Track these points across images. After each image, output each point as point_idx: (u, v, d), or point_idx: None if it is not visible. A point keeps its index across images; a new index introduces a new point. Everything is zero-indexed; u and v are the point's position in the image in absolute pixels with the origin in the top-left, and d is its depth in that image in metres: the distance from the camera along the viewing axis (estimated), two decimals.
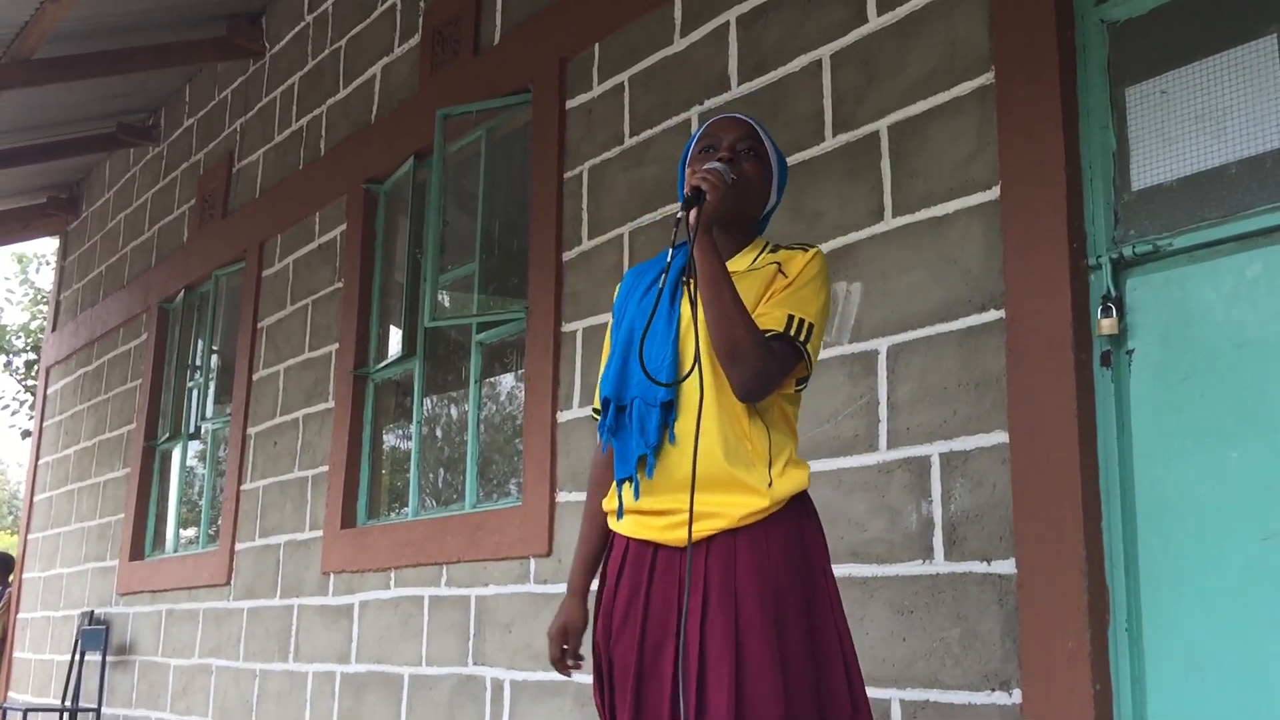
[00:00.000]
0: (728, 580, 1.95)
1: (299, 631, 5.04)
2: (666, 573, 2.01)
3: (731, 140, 2.12)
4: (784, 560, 1.98)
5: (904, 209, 2.96)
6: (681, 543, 1.99)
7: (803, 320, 2.00)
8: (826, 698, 1.96)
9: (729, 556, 1.96)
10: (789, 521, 2.01)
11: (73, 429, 8.23)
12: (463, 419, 4.64)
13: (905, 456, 2.85)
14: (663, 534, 2.03)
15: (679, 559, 2.00)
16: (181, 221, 7.10)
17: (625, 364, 2.10)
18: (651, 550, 2.04)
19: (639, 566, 2.05)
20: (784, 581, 1.96)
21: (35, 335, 14.73)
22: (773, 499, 1.98)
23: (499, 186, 4.62)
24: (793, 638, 1.94)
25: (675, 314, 2.06)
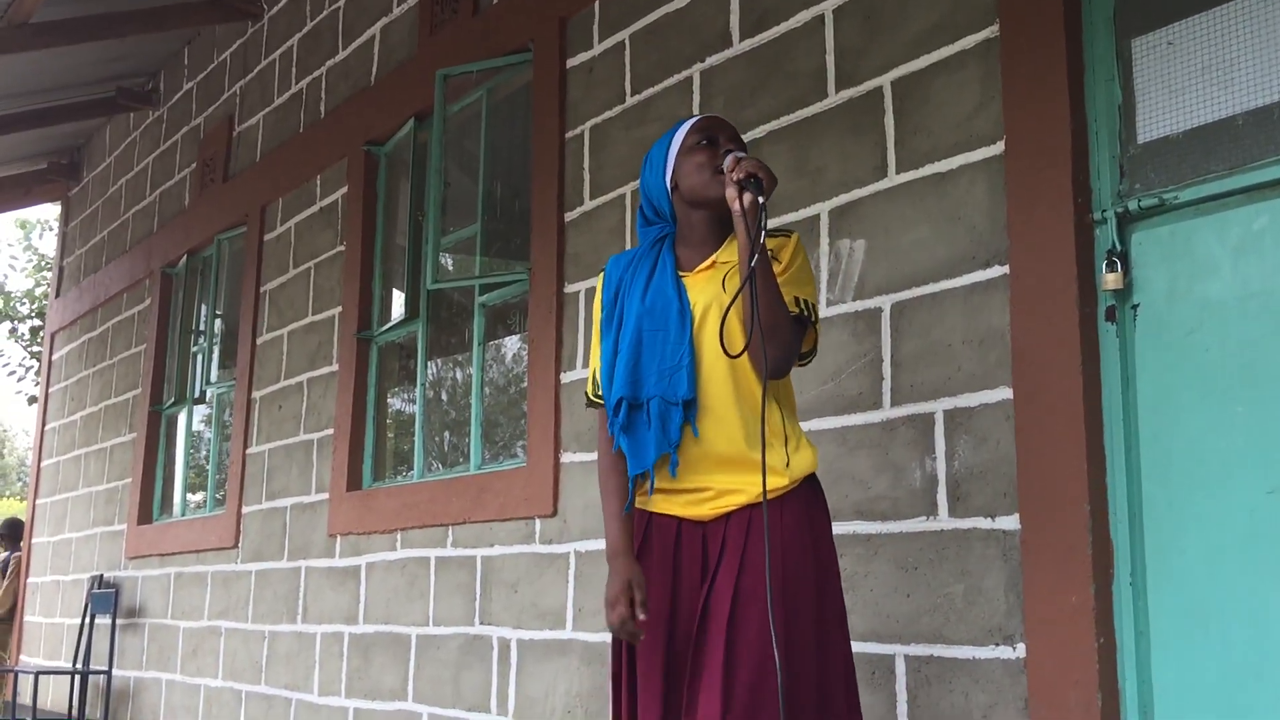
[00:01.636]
0: (737, 552, 2.09)
1: (307, 593, 5.07)
2: (690, 542, 2.16)
3: (728, 138, 2.24)
4: (795, 533, 2.11)
5: (907, 165, 2.94)
6: (705, 517, 2.15)
7: (807, 301, 2.17)
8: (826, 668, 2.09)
9: (744, 529, 2.10)
10: (801, 501, 2.15)
11: (78, 394, 8.25)
12: (467, 381, 4.64)
13: (909, 414, 2.85)
14: (685, 509, 2.17)
15: (701, 530, 2.15)
16: (183, 186, 7.08)
17: (638, 362, 2.16)
18: (675, 523, 2.18)
19: (665, 537, 2.18)
20: (793, 554, 2.09)
21: (40, 301, 14.73)
22: (790, 477, 2.13)
23: (500, 147, 4.59)
24: (798, 609, 2.06)
25: (687, 309, 2.16)
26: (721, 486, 2.12)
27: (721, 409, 2.11)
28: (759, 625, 2.00)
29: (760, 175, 2.02)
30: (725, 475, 2.12)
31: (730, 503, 2.12)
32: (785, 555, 2.07)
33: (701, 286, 2.18)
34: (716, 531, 2.13)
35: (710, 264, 2.20)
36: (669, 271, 2.20)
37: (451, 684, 4.13)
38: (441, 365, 4.92)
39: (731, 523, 2.12)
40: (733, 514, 2.12)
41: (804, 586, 2.08)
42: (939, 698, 2.68)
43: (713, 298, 2.14)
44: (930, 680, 2.70)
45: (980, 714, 2.60)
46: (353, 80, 5.42)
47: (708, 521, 2.14)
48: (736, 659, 2.00)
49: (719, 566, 2.09)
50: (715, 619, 2.04)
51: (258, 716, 5.27)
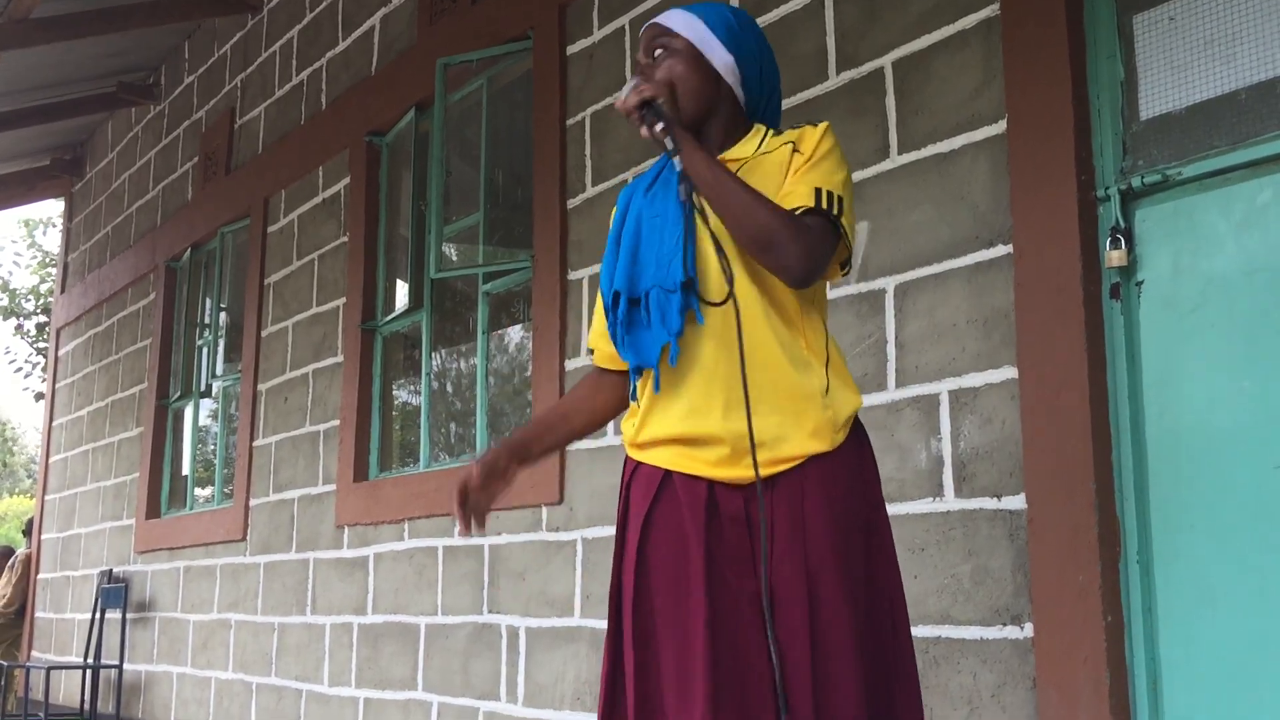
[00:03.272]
0: (795, 518, 1.76)
1: (315, 584, 5.08)
2: (729, 505, 1.78)
3: (645, 47, 1.95)
4: (846, 492, 1.80)
5: (909, 146, 2.93)
6: (742, 480, 1.77)
7: (830, 192, 1.79)
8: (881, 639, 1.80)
9: (797, 491, 1.76)
10: (851, 451, 1.83)
11: (85, 390, 8.26)
12: (472, 370, 4.64)
13: (914, 395, 2.84)
14: (717, 470, 1.78)
15: (739, 495, 1.78)
16: (185, 180, 7.08)
17: (636, 254, 1.90)
18: (706, 486, 1.79)
19: (694, 501, 1.79)
20: (848, 517, 1.78)
21: (45, 297, 14.76)
22: (834, 422, 1.79)
23: (501, 135, 4.58)
24: (857, 576, 1.77)
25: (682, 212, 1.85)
26: (760, 434, 1.74)
27: (750, 327, 1.77)
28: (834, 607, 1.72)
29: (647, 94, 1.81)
30: (761, 417, 1.75)
31: (778, 456, 1.76)
32: (842, 519, 1.77)
33: None
34: (765, 497, 1.75)
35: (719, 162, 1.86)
36: (674, 172, 1.85)
37: (461, 673, 4.14)
38: (446, 354, 4.93)
39: (779, 486, 1.76)
40: (779, 479, 1.76)
41: (858, 550, 1.79)
42: (947, 678, 2.68)
43: None
44: (938, 661, 2.71)
45: (989, 694, 2.60)
46: (353, 71, 5.41)
47: (747, 484, 1.76)
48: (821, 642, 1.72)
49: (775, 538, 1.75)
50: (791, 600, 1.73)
51: (269, 707, 5.28)
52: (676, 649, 1.74)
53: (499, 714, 3.93)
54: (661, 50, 1.92)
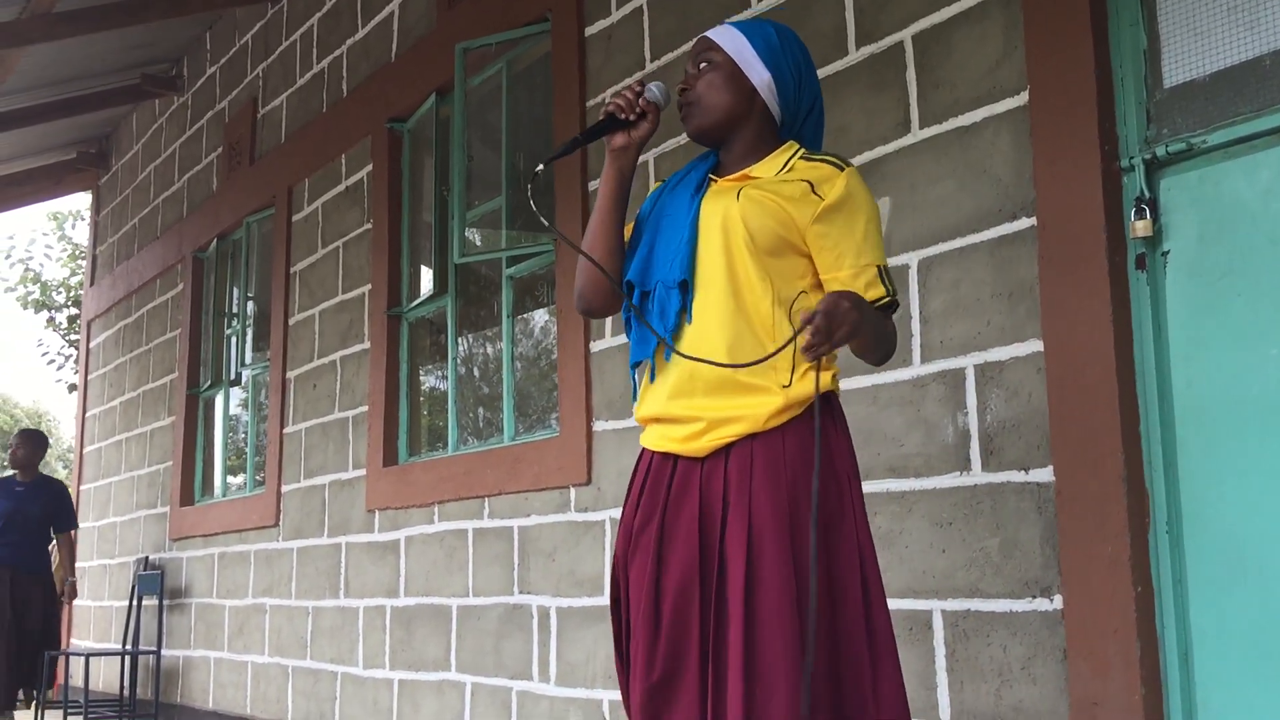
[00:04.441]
0: (743, 486, 1.93)
1: (348, 568, 5.14)
2: (685, 479, 1.99)
3: (692, 65, 2.14)
4: (800, 465, 1.92)
5: (931, 119, 2.92)
6: (699, 453, 1.98)
7: (886, 270, 2.02)
8: (840, 612, 1.90)
9: (746, 464, 1.94)
10: (805, 427, 1.95)
11: (117, 380, 8.35)
12: (498, 354, 4.67)
13: (939, 370, 2.84)
14: (682, 445, 2.00)
15: (698, 467, 1.98)
16: (210, 170, 7.13)
17: (653, 249, 2.10)
18: (671, 464, 2.02)
19: (658, 483, 2.03)
20: (801, 487, 1.91)
21: (75, 290, 14.90)
22: (788, 399, 1.94)
23: (522, 119, 4.59)
24: (807, 543, 1.88)
25: (696, 204, 2.06)
26: (714, 415, 1.96)
27: (714, 324, 1.97)
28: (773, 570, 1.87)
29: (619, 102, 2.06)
30: (717, 400, 1.96)
31: (726, 434, 1.95)
32: (792, 489, 1.91)
33: (719, 195, 2.05)
34: (716, 469, 1.96)
35: (740, 176, 2.07)
36: (701, 172, 2.13)
37: (493, 653, 4.18)
38: (472, 339, 4.95)
39: (732, 458, 1.95)
40: (733, 447, 1.95)
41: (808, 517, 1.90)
42: (977, 651, 2.69)
43: (726, 207, 2.02)
44: (968, 634, 2.71)
45: (1019, 666, 2.61)
46: (373, 58, 5.43)
47: (704, 459, 1.97)
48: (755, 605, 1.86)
49: (727, 510, 1.93)
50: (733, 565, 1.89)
51: (305, 690, 5.35)
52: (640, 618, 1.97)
53: (532, 693, 3.97)
54: (705, 64, 2.10)
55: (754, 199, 2.00)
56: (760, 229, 1.97)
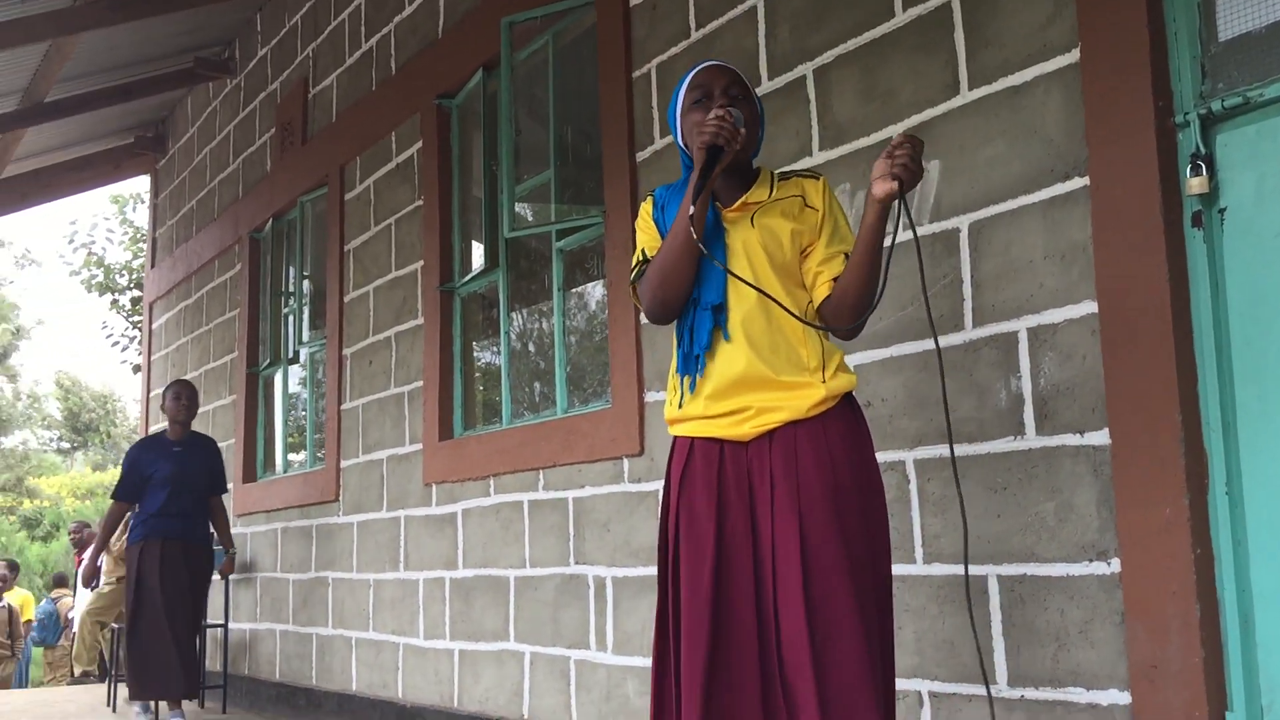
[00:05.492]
0: (790, 471, 2.15)
1: (407, 541, 5.21)
2: (735, 463, 2.21)
3: (724, 87, 2.29)
4: (842, 452, 2.18)
5: (980, 80, 2.88)
6: (745, 437, 2.20)
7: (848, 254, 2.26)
8: (881, 579, 2.18)
9: (790, 448, 2.17)
10: (845, 418, 2.22)
11: (179, 360, 8.51)
12: (550, 327, 4.69)
13: (992, 334, 2.82)
14: (728, 430, 2.22)
15: (744, 451, 2.21)
16: (264, 151, 7.21)
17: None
18: (718, 447, 2.23)
19: (708, 461, 2.23)
20: (843, 473, 2.16)
21: (137, 272, 15.16)
22: (829, 391, 2.20)
23: (569, 92, 4.59)
24: (851, 523, 2.12)
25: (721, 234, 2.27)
26: (760, 405, 2.19)
27: (755, 336, 2.21)
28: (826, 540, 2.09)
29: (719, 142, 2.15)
30: (763, 394, 2.19)
31: (771, 420, 2.19)
32: (834, 471, 2.14)
33: (734, 222, 2.28)
34: (761, 451, 2.19)
35: (740, 205, 2.29)
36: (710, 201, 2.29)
37: (551, 623, 4.23)
38: (524, 313, 4.98)
39: (776, 441, 2.18)
40: (776, 432, 2.18)
41: (851, 501, 2.14)
42: (1034, 615, 2.67)
43: (745, 237, 2.25)
44: (1024, 599, 2.70)
45: (1076, 630, 2.59)
46: (420, 34, 5.45)
47: (749, 441, 2.21)
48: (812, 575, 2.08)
49: (775, 485, 2.15)
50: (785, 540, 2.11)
51: (368, 661, 5.45)
52: (690, 597, 2.15)
53: (590, 662, 4.01)
54: (739, 97, 2.30)
55: (767, 227, 2.25)
56: (777, 250, 2.24)
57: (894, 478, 2.99)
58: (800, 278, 2.28)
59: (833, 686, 2.03)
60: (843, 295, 2.20)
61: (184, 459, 5.80)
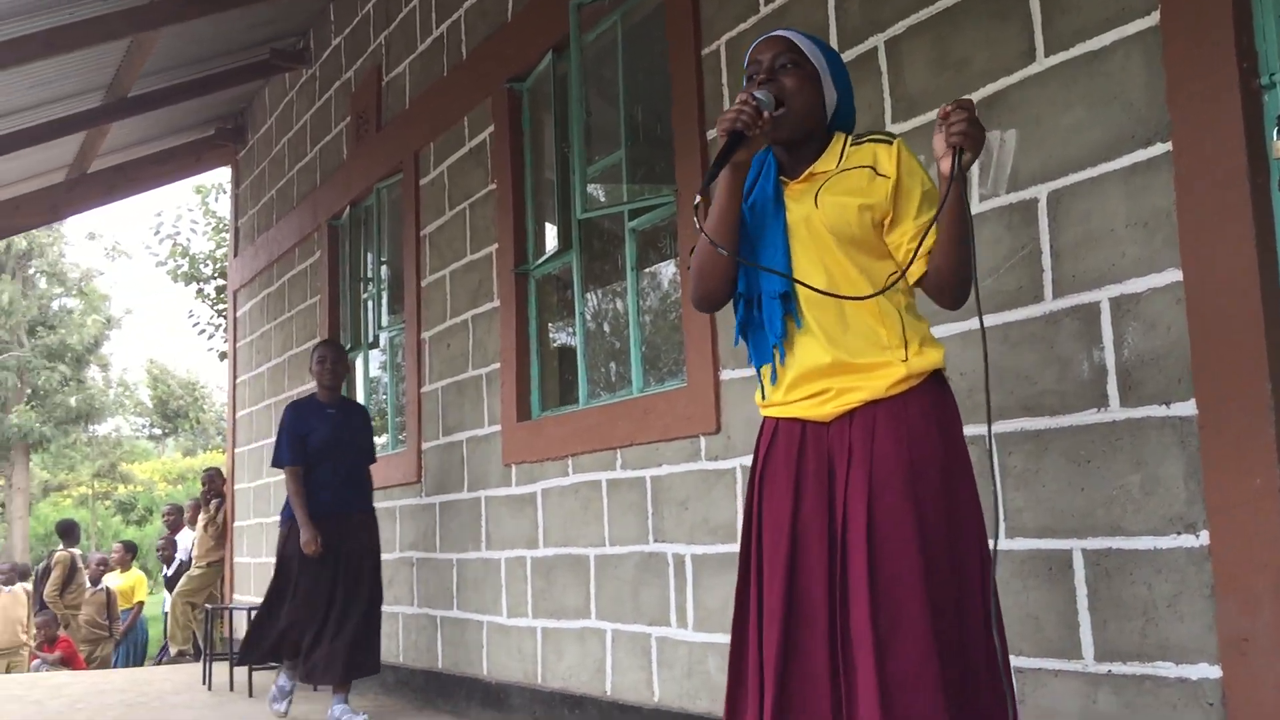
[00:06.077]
0: (865, 451, 2.11)
1: (488, 521, 5.28)
2: (815, 444, 2.19)
3: (769, 60, 2.22)
4: (922, 430, 2.12)
5: (1056, 46, 2.83)
6: (827, 417, 2.18)
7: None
8: (964, 565, 2.10)
9: (868, 427, 2.13)
10: (929, 395, 2.16)
11: (263, 347, 8.70)
12: (624, 307, 4.71)
13: (1073, 304, 2.77)
14: (809, 411, 2.20)
15: (824, 431, 2.19)
16: (340, 139, 7.33)
17: (754, 259, 2.23)
18: (800, 427, 2.22)
19: (790, 440, 2.22)
20: (921, 451, 2.10)
21: (220, 261, 15.51)
22: (910, 370, 2.14)
23: (638, 71, 4.59)
24: (929, 506, 2.07)
25: (781, 212, 2.21)
26: (841, 386, 2.16)
27: (828, 321, 2.16)
28: (896, 521, 2.05)
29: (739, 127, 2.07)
30: (843, 378, 2.16)
31: (851, 400, 2.15)
32: (912, 448, 2.09)
33: (798, 198, 2.22)
34: (841, 431, 2.16)
35: (807, 176, 2.23)
36: (772, 174, 2.26)
37: (631, 600, 4.26)
38: (599, 293, 5.01)
39: (855, 421, 2.15)
40: (856, 412, 2.15)
41: (931, 480, 2.08)
42: (1120, 589, 2.64)
43: (808, 214, 2.19)
44: (1110, 573, 2.66)
45: (1164, 604, 2.55)
46: (490, 19, 5.49)
47: (830, 422, 2.18)
48: (878, 558, 2.04)
49: (850, 464, 2.12)
50: (854, 520, 2.08)
51: (453, 639, 5.55)
52: (768, 577, 2.15)
53: (671, 639, 4.04)
54: (788, 65, 2.21)
55: (831, 201, 2.16)
56: (844, 227, 2.15)
57: (974, 452, 2.96)
58: (878, 248, 2.19)
59: (894, 676, 1.97)
60: (939, 278, 2.13)
61: (339, 423, 5.38)
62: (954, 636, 2.03)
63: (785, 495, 2.17)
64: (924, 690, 1.96)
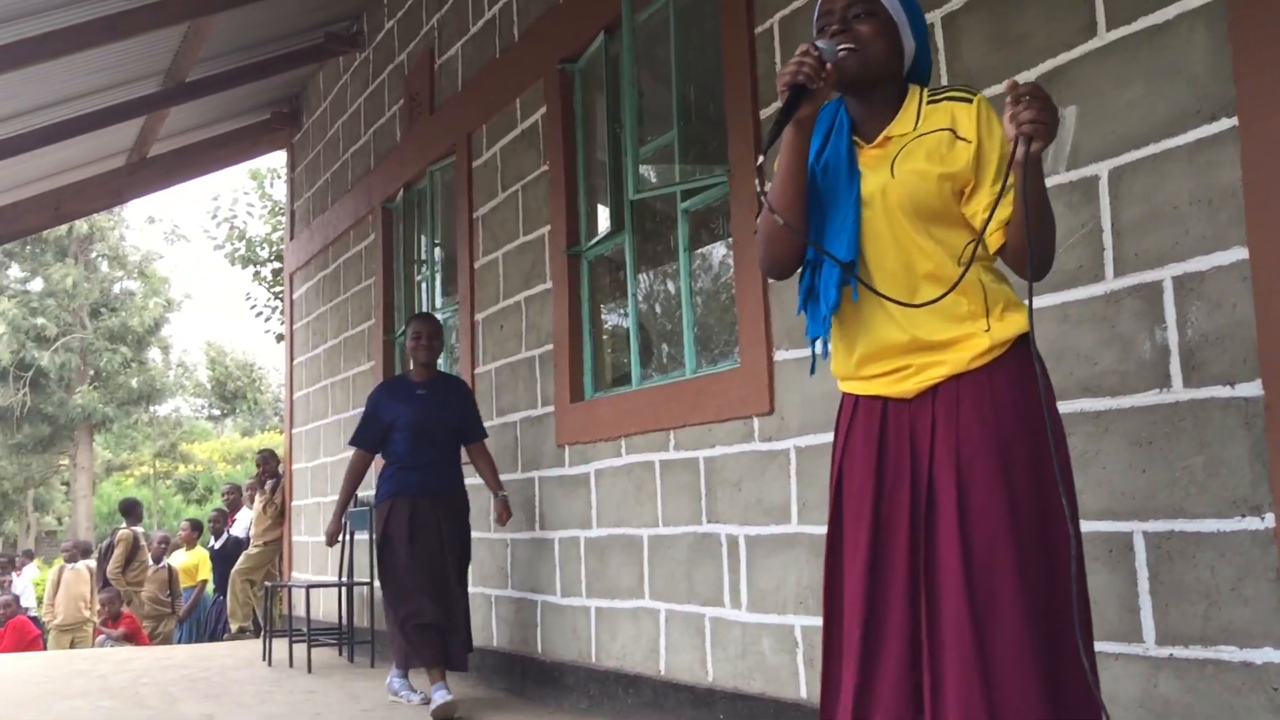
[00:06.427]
0: (950, 429, 2.02)
1: (542, 501, 5.32)
2: (897, 421, 2.10)
3: (841, 9, 2.12)
4: (1009, 403, 2.02)
5: (1118, 21, 2.77)
6: (909, 394, 2.09)
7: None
8: (1053, 540, 2.00)
9: (953, 401, 2.04)
10: (1016, 363, 2.05)
11: (319, 329, 8.80)
12: (676, 288, 4.71)
13: (1135, 283, 2.72)
14: (889, 388, 2.12)
15: (906, 408, 2.10)
16: (394, 122, 7.37)
17: (823, 222, 2.14)
18: (881, 404, 2.13)
19: (871, 418, 2.14)
20: (1009, 424, 2.00)
21: (277, 245, 15.70)
22: (993, 340, 2.04)
23: (690, 51, 4.57)
24: (1019, 480, 1.98)
25: (856, 175, 2.11)
26: (921, 362, 2.07)
27: (899, 294, 2.06)
28: (988, 503, 1.96)
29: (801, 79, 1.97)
30: (920, 356, 2.07)
31: (933, 376, 2.06)
32: (999, 424, 1.99)
33: (873, 165, 2.10)
34: (924, 408, 2.06)
35: (883, 140, 2.11)
36: (845, 133, 2.14)
37: (685, 580, 4.27)
38: (651, 274, 5.00)
39: (939, 396, 2.05)
40: (939, 387, 2.05)
41: (1020, 455, 1.98)
42: (1182, 573, 2.60)
43: (884, 184, 2.07)
44: (1172, 556, 2.62)
45: (1228, 587, 2.51)
46: (542, 0, 5.48)
47: (912, 399, 2.08)
48: (970, 534, 1.95)
49: (934, 442, 2.03)
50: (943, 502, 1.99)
51: (507, 618, 5.59)
52: (849, 566, 2.09)
53: (724, 619, 4.05)
54: (862, 14, 2.11)
55: (909, 171, 2.05)
56: (923, 199, 2.04)
57: None
58: (957, 217, 2.07)
59: (992, 661, 1.89)
60: (1018, 258, 2.00)
61: (428, 403, 5.20)
62: (1045, 618, 1.94)
63: (867, 474, 2.09)
64: (1022, 674, 1.88)
